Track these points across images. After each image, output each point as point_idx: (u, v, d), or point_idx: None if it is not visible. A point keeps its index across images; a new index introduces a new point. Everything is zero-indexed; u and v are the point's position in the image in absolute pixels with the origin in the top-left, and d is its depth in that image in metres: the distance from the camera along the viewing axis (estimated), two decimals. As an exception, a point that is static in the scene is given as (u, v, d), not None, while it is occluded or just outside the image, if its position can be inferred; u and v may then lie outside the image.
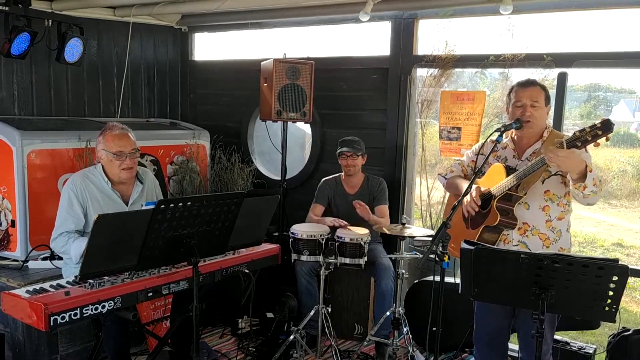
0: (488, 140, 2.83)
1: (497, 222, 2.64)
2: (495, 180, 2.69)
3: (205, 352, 3.68)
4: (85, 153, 3.87)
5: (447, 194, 3.24)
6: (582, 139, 2.31)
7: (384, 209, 4.02)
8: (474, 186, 2.74)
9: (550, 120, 3.28)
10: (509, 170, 2.65)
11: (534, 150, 2.69)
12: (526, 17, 3.87)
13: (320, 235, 3.53)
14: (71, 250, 2.94)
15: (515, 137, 2.77)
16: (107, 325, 2.91)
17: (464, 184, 2.82)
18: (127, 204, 3.18)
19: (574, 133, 2.35)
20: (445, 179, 3.06)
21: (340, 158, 4.02)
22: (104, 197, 3.11)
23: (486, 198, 2.71)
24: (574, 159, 2.38)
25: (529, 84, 2.68)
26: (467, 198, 2.71)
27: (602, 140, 2.30)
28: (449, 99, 4.18)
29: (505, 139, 2.77)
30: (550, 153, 2.40)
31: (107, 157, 3.09)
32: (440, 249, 2.48)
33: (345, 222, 3.80)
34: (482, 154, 2.81)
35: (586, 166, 2.40)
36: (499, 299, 2.45)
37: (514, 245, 2.68)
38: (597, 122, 2.28)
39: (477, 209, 2.71)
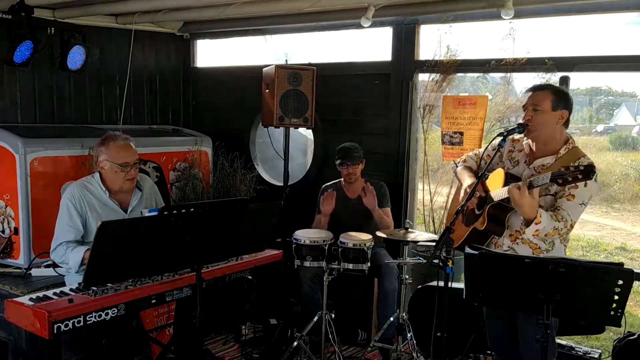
0: (498, 148, 2.73)
1: (483, 228, 2.67)
2: (493, 186, 2.68)
3: (209, 359, 3.67)
4: (87, 160, 3.88)
5: (451, 196, 3.22)
6: (564, 177, 2.26)
7: (387, 212, 4.01)
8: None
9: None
10: (508, 179, 2.61)
11: (544, 164, 2.62)
12: (527, 21, 3.88)
13: (324, 241, 3.52)
14: (69, 259, 2.94)
15: (530, 142, 2.72)
16: (111, 333, 2.90)
17: (466, 178, 2.82)
18: (126, 212, 3.18)
19: (559, 168, 2.30)
20: (457, 166, 3.02)
21: (341, 167, 4.02)
22: (103, 207, 3.11)
23: (483, 201, 2.71)
24: (529, 206, 2.41)
25: (535, 88, 2.67)
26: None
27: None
28: (451, 103, 4.17)
29: (524, 141, 2.76)
30: (517, 190, 2.40)
31: (111, 168, 3.08)
32: (444, 254, 2.48)
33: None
34: (501, 152, 2.81)
35: (535, 217, 2.41)
36: (504, 304, 2.44)
37: (504, 250, 2.68)
38: (582, 165, 2.25)
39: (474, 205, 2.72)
